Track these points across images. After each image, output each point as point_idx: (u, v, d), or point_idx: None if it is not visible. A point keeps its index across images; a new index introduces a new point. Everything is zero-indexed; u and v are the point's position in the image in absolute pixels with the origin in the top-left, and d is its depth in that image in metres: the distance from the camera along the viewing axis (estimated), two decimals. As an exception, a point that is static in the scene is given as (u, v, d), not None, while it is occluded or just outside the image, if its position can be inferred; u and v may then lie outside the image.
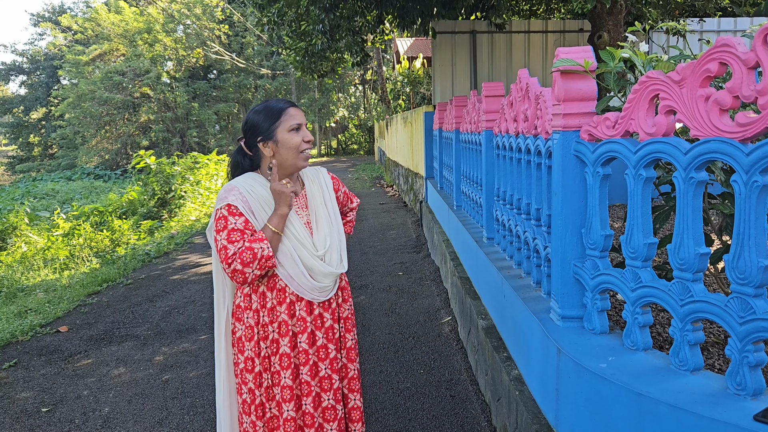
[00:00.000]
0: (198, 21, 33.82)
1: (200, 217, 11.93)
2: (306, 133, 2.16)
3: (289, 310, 2.15)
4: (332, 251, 2.22)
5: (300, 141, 2.14)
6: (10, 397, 3.83)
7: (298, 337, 2.16)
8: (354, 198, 2.65)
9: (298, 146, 2.13)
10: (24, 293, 7.03)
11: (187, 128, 34.93)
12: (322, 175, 2.37)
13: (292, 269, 2.12)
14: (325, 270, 2.16)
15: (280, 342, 2.15)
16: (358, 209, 11.21)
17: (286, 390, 2.13)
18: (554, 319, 2.29)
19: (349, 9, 8.51)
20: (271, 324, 2.15)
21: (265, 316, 2.16)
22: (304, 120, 2.19)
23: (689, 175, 1.64)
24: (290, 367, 2.14)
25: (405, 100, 19.21)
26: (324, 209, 2.27)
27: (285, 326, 2.15)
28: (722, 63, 1.54)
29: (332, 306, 2.25)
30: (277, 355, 2.15)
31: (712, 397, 1.57)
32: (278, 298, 2.15)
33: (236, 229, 2.04)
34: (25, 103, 43.27)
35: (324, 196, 2.30)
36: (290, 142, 2.12)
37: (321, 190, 2.31)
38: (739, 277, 1.52)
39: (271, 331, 2.15)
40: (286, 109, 2.15)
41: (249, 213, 2.09)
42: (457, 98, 5.58)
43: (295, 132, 2.13)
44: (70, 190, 24.79)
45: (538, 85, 2.62)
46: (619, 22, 6.65)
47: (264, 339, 2.16)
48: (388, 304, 5.29)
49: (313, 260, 2.14)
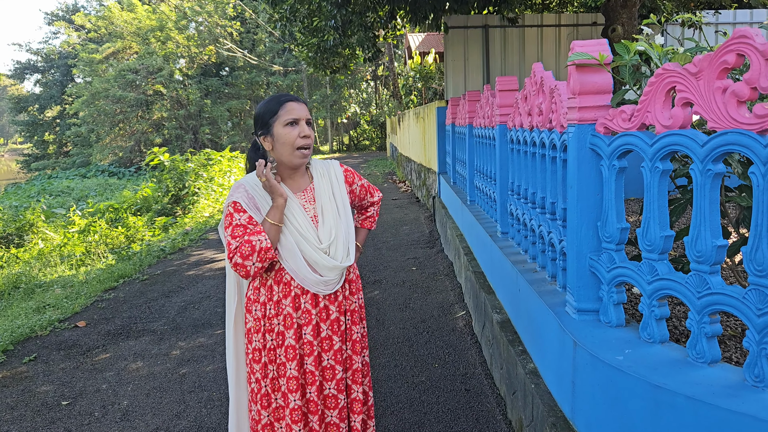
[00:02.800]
0: (210, 18, 33.96)
1: (214, 213, 12.01)
2: (303, 129, 2.12)
3: (294, 303, 2.18)
4: (338, 244, 2.21)
5: (295, 137, 2.11)
6: (31, 391, 3.89)
7: (303, 329, 2.19)
8: (375, 191, 2.59)
9: (293, 142, 2.11)
10: (42, 289, 7.12)
11: (199, 125, 35.11)
12: (333, 168, 2.35)
13: (295, 263, 2.15)
14: (328, 263, 2.16)
15: (286, 334, 2.18)
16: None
17: (291, 381, 2.17)
18: (570, 313, 2.30)
19: (361, 4, 8.51)
20: (276, 317, 2.19)
21: (271, 309, 2.20)
22: (305, 115, 2.14)
23: (706, 167, 1.64)
24: (295, 358, 2.18)
25: (417, 96, 19.18)
26: (331, 203, 2.26)
27: (290, 319, 2.18)
28: (740, 54, 1.53)
29: (338, 299, 2.27)
30: (282, 347, 2.19)
31: (730, 389, 1.57)
32: (284, 292, 2.19)
33: (239, 225, 2.09)
34: (40, 101, 43.69)
35: (333, 189, 2.29)
36: (285, 137, 2.12)
37: (330, 183, 2.30)
38: (756, 269, 1.52)
39: (277, 323, 2.19)
40: (285, 103, 2.13)
41: (254, 209, 2.13)
42: (470, 93, 5.58)
43: (291, 127, 2.11)
44: (84, 188, 25.01)
45: (552, 78, 2.62)
46: (633, 14, 6.60)
47: (270, 331, 2.21)
48: (402, 299, 5.30)
49: (316, 254, 2.15)
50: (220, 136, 35.88)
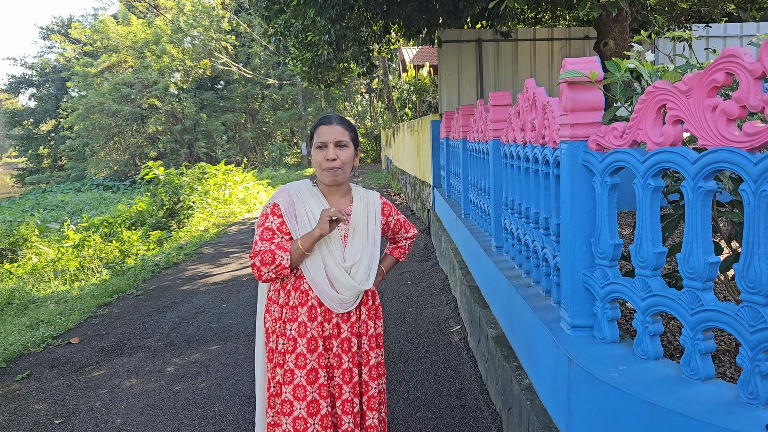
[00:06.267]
0: (205, 32, 34.07)
1: (209, 227, 11.98)
2: (330, 152, 2.22)
3: (310, 313, 2.23)
4: (360, 266, 2.30)
5: (322, 159, 2.23)
6: (23, 409, 3.85)
7: (318, 341, 2.23)
8: (411, 228, 2.69)
9: (321, 164, 2.24)
10: (35, 305, 7.07)
11: (195, 139, 35.12)
12: (373, 198, 2.46)
13: (316, 274, 2.22)
14: (348, 282, 2.24)
15: (298, 341, 2.22)
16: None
17: (299, 389, 2.20)
18: (564, 328, 2.30)
19: (356, 19, 8.57)
20: (290, 322, 2.24)
21: (287, 312, 2.25)
22: (334, 138, 2.23)
23: (698, 185, 1.65)
24: (306, 367, 2.21)
25: (411, 109, 19.25)
26: (364, 227, 2.36)
27: (305, 327, 2.23)
28: (729, 73, 1.55)
29: (351, 320, 2.31)
30: (293, 353, 2.22)
31: (725, 407, 1.57)
32: (300, 299, 2.25)
33: (269, 228, 2.21)
34: (35, 115, 43.66)
35: (368, 215, 2.39)
36: (315, 158, 2.27)
37: (367, 210, 2.40)
38: (749, 286, 1.52)
39: (290, 329, 2.23)
40: (318, 126, 2.27)
41: (291, 216, 2.23)
42: (464, 107, 5.60)
43: (320, 150, 2.24)
44: (79, 202, 24.95)
45: (545, 95, 2.64)
46: (625, 29, 6.66)
47: (282, 335, 2.25)
48: (397, 313, 5.29)
49: (338, 271, 2.23)
50: (216, 150, 35.89)
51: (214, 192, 14.29)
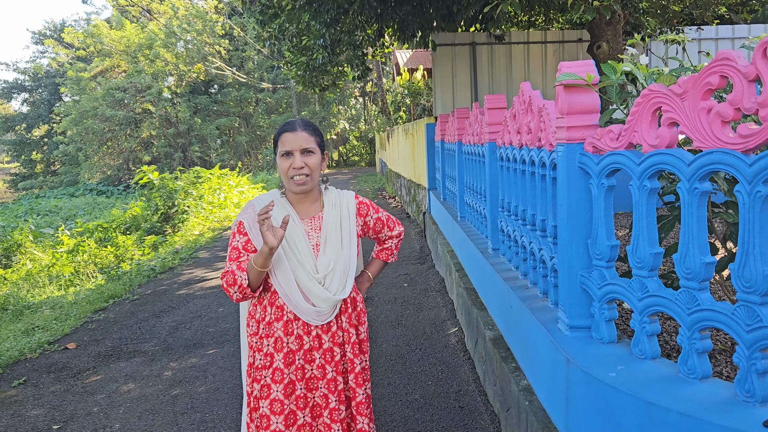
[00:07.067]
0: (198, 36, 34.03)
1: (204, 232, 11.97)
2: (296, 161, 2.13)
3: (286, 328, 2.19)
4: (334, 276, 2.21)
5: (288, 168, 2.15)
6: (21, 415, 3.84)
7: (296, 354, 2.20)
8: (396, 225, 2.53)
9: (287, 172, 2.16)
10: (30, 310, 7.05)
11: (188, 143, 35.04)
12: (346, 199, 2.36)
13: (289, 289, 2.17)
14: (322, 294, 2.17)
15: (275, 357, 2.19)
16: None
17: (276, 403, 2.17)
18: (562, 329, 2.32)
19: (350, 23, 8.59)
20: (267, 337, 2.20)
21: (264, 328, 2.22)
22: (299, 146, 2.13)
23: (693, 186, 1.67)
24: (283, 381, 2.18)
25: (406, 112, 19.29)
26: (336, 234, 2.26)
27: (281, 342, 2.19)
28: (723, 76, 1.57)
29: (332, 329, 2.24)
30: (270, 368, 2.19)
31: (722, 405, 1.59)
32: (276, 314, 2.20)
33: (235, 248, 2.18)
34: (28, 120, 43.49)
35: (341, 219, 2.29)
36: (280, 167, 2.18)
37: (339, 214, 2.30)
38: (745, 286, 1.55)
39: (267, 344, 2.20)
40: (281, 134, 2.17)
41: (257, 232, 2.16)
42: (459, 110, 5.63)
43: (285, 158, 2.15)
44: (73, 207, 24.83)
45: (541, 98, 2.66)
46: (618, 31, 6.70)
47: (259, 351, 2.22)
48: (394, 315, 5.30)
49: (311, 283, 2.17)
50: (210, 154, 35.80)
51: (209, 196, 14.28)
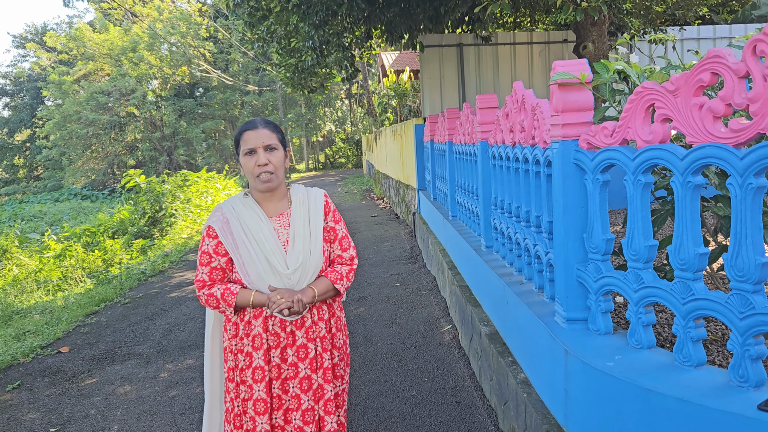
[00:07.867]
0: (183, 39, 33.87)
1: (192, 235, 11.93)
2: (260, 158, 2.15)
3: (264, 324, 2.22)
4: (304, 272, 2.22)
5: (253, 166, 2.16)
6: (17, 419, 3.83)
7: (272, 351, 2.22)
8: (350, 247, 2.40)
9: (252, 171, 2.17)
10: (19, 316, 6.99)
11: (174, 146, 34.86)
12: (314, 196, 2.37)
13: (262, 288, 2.20)
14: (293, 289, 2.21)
15: (254, 355, 2.21)
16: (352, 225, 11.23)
17: (259, 403, 2.19)
18: (559, 322, 2.37)
19: (338, 25, 8.63)
20: (246, 337, 2.23)
21: (243, 328, 2.24)
22: (262, 143, 2.15)
23: (686, 180, 1.73)
24: (263, 380, 2.20)
25: (392, 113, 19.35)
26: (305, 229, 2.27)
27: (260, 339, 2.21)
28: (714, 73, 1.64)
29: (306, 324, 2.25)
30: (250, 368, 2.21)
31: (717, 390, 1.65)
32: (255, 312, 2.23)
33: (206, 252, 2.23)
34: (9, 125, 43.02)
35: (309, 215, 2.31)
36: (245, 166, 2.20)
37: (308, 210, 2.31)
38: (738, 275, 1.61)
39: (246, 344, 2.22)
40: (243, 132, 2.19)
41: (227, 234, 2.20)
42: (449, 110, 5.68)
43: (249, 156, 2.17)
44: (58, 212, 24.64)
45: (534, 96, 2.72)
46: (603, 32, 6.81)
47: (240, 352, 2.24)
48: (387, 314, 5.35)
49: (280, 282, 2.20)
50: (196, 157, 35.66)
51: (197, 199, 14.23)
